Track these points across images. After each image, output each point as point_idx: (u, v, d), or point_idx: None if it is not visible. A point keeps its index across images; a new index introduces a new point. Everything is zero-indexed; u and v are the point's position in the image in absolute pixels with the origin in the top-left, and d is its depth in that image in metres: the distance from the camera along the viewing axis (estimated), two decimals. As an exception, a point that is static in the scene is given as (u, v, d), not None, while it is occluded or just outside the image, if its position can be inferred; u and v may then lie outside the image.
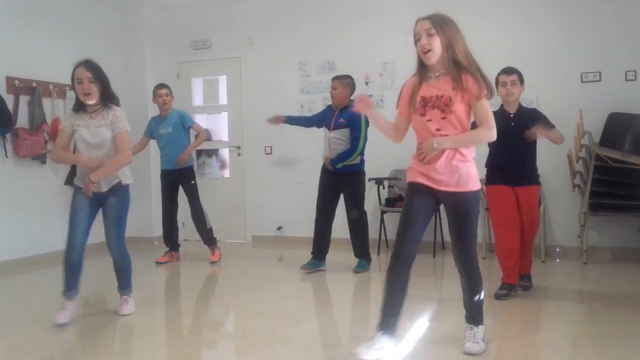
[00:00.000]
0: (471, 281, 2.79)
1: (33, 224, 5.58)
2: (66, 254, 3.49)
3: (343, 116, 4.79)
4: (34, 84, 5.61)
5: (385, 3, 6.05)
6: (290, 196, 6.55)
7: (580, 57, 5.40)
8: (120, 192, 3.54)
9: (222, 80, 7.00)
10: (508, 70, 3.95)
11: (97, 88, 3.38)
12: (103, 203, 3.54)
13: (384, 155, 5.40)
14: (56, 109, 5.85)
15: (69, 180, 5.84)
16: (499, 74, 3.97)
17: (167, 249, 5.67)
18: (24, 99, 5.55)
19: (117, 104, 3.52)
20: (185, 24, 6.98)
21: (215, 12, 6.81)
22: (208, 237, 5.58)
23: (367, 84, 6.16)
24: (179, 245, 5.76)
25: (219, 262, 5.54)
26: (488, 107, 2.69)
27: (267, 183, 6.66)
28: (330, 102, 5.05)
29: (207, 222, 5.53)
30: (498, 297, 3.85)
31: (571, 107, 5.26)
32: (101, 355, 3.06)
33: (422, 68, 2.71)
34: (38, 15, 5.78)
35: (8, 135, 5.37)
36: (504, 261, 3.93)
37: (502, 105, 4.02)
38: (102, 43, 6.45)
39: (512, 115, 3.94)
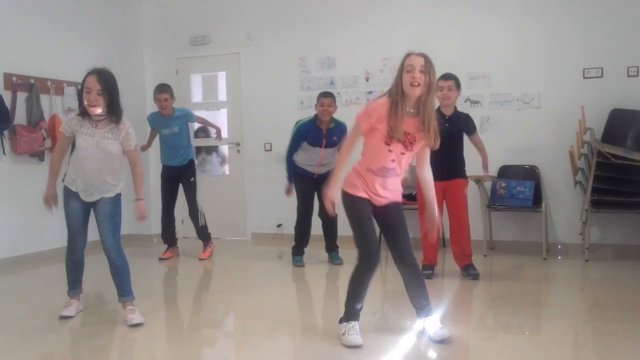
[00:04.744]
0: (419, 275, 3.03)
1: (31, 222, 5.53)
2: (67, 256, 3.60)
3: (335, 134, 4.85)
4: (32, 81, 5.57)
5: (385, -2, 6.02)
6: (290, 193, 6.51)
7: (582, 53, 5.37)
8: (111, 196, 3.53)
9: (222, 77, 6.96)
10: (446, 76, 4.33)
11: (104, 100, 3.34)
12: (95, 204, 3.52)
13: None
14: (54, 105, 5.82)
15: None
16: (438, 79, 4.05)
17: (166, 245, 5.72)
18: (21, 96, 5.52)
19: (120, 116, 3.44)
20: (184, 20, 6.93)
21: (214, 7, 6.77)
22: (201, 233, 5.68)
23: (367, 80, 6.12)
24: (176, 240, 5.83)
25: (209, 259, 5.60)
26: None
27: (267, 180, 6.62)
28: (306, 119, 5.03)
29: (201, 219, 5.60)
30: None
31: (573, 104, 5.24)
32: (101, 352, 3.05)
33: (402, 98, 2.77)
34: (36, 11, 5.73)
35: (6, 132, 5.33)
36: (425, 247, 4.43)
37: (438, 107, 4.28)
38: (100, 39, 6.42)
39: (447, 117, 4.33)
